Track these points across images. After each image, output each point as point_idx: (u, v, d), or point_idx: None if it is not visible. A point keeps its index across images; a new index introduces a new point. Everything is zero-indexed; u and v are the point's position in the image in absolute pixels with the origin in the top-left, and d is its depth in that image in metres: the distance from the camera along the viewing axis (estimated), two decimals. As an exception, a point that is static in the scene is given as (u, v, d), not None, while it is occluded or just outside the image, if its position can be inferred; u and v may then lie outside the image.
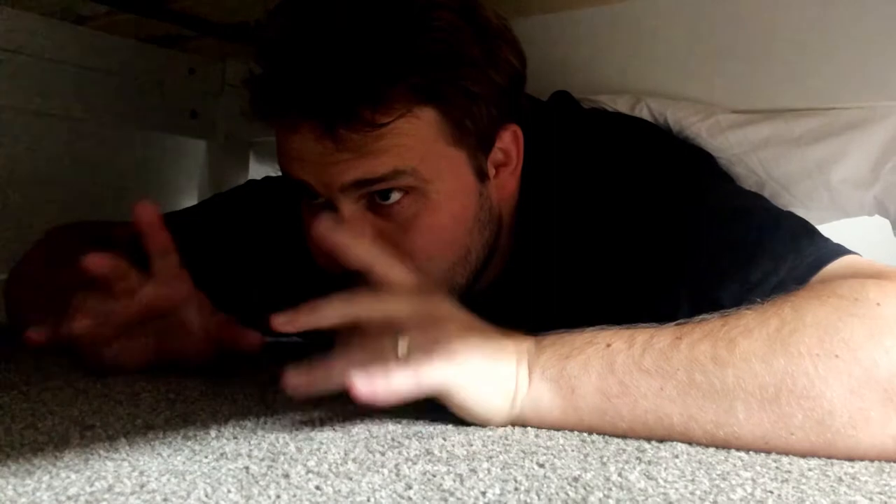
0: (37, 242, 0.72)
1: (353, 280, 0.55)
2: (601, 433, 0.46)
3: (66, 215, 0.98)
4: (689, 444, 0.45)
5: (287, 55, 0.54)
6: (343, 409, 0.50)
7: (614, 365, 0.45)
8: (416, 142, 0.54)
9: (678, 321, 0.47)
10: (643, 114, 0.78)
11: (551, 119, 0.68)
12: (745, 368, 0.43)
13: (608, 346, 0.46)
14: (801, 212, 0.73)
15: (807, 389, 0.42)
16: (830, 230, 0.59)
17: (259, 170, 1.21)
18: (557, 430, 0.47)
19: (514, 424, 0.48)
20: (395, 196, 0.55)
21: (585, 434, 0.47)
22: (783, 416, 0.43)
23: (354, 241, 0.49)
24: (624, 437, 0.46)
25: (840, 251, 0.53)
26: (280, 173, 0.60)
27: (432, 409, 0.48)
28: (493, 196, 0.61)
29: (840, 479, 0.40)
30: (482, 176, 0.59)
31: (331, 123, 0.52)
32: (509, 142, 0.60)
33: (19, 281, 0.70)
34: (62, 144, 0.99)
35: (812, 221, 0.58)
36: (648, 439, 0.45)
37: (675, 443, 0.46)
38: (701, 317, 0.47)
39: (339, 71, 0.51)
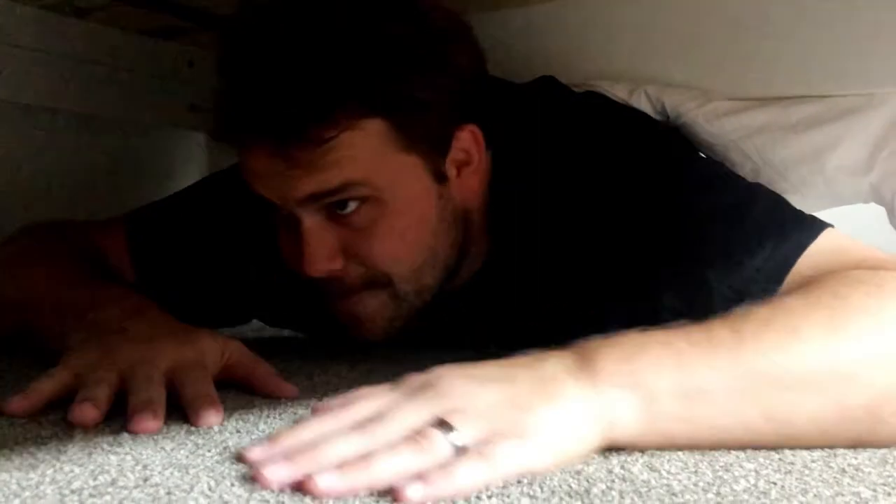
0: (9, 239, 0.70)
1: (323, 281, 0.58)
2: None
3: (63, 207, 0.98)
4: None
5: (235, 78, 0.56)
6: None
7: (684, 366, 0.41)
8: (365, 153, 0.55)
9: (721, 314, 0.44)
10: (641, 100, 0.78)
11: (533, 106, 0.68)
12: (811, 359, 0.42)
13: (666, 345, 0.42)
14: (796, 199, 0.73)
15: (862, 377, 0.42)
16: (827, 218, 0.59)
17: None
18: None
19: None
20: (352, 205, 0.56)
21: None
22: (845, 407, 0.42)
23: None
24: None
25: (817, 226, 0.54)
26: None
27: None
28: (455, 196, 0.61)
29: (843, 471, 0.40)
30: (440, 178, 0.60)
31: (280, 142, 0.54)
32: (468, 141, 0.61)
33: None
34: (58, 137, 0.99)
35: (807, 209, 0.59)
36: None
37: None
38: (737, 309, 0.45)
39: (285, 91, 0.53)
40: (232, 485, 0.35)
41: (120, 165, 1.06)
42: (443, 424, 0.37)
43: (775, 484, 0.37)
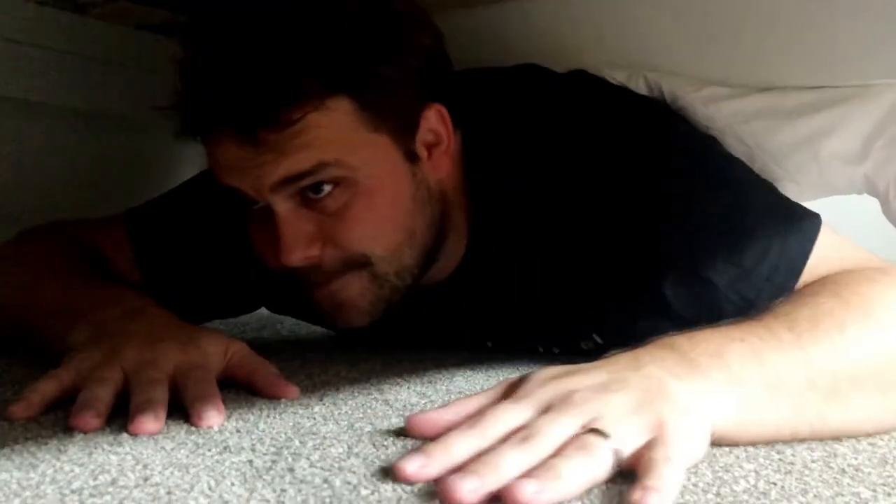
0: (9, 241, 0.70)
1: (299, 275, 0.57)
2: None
3: (59, 204, 0.98)
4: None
5: (196, 70, 0.55)
6: (346, 403, 0.50)
7: (763, 360, 0.44)
8: (334, 133, 0.55)
9: (755, 314, 0.49)
10: (639, 85, 0.78)
11: (510, 88, 0.68)
12: (861, 354, 0.47)
13: (742, 340, 0.45)
14: (791, 187, 0.73)
15: None
16: (819, 208, 0.59)
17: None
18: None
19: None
20: (326, 189, 0.56)
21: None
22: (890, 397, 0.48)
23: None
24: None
25: (816, 223, 0.57)
26: None
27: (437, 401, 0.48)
28: (428, 177, 0.61)
29: (843, 471, 0.40)
30: (412, 157, 0.59)
31: (246, 128, 0.53)
32: (435, 121, 0.60)
33: None
34: (53, 133, 0.99)
35: (802, 198, 0.59)
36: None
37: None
38: (777, 307, 0.50)
39: (248, 75, 0.53)
40: (232, 484, 0.35)
41: (118, 162, 1.06)
42: (596, 432, 0.37)
43: (775, 484, 0.38)
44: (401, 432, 0.44)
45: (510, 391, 0.43)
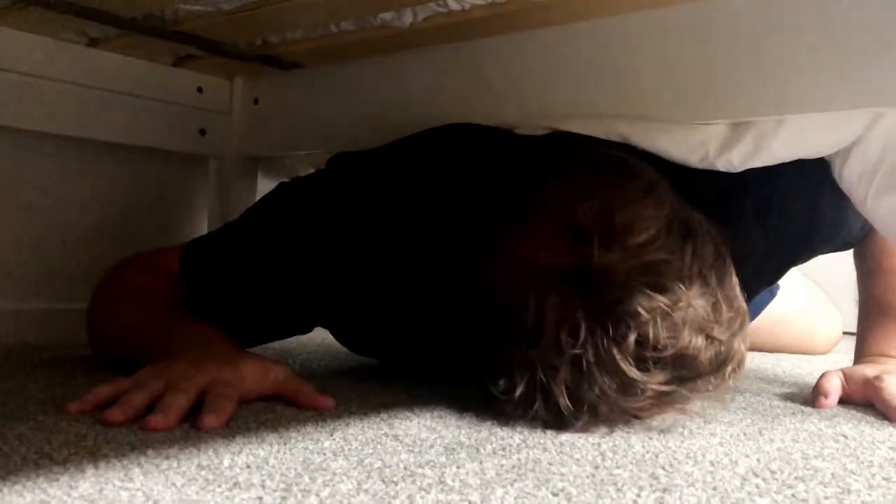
0: (108, 279, 0.75)
1: None
2: None
3: (76, 238, 0.99)
4: (703, 469, 0.45)
5: None
6: (356, 438, 0.50)
7: None
8: None
9: None
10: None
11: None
12: None
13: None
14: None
15: None
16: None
17: (267, 185, 1.21)
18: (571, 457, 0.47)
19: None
20: None
21: (599, 460, 0.47)
22: None
23: None
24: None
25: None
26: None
27: (446, 440, 0.48)
28: None
29: (857, 509, 0.40)
30: None
31: None
32: None
33: (107, 322, 0.73)
34: (71, 165, 1.00)
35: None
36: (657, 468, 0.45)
37: (688, 469, 0.46)
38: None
39: None
40: (243, 525, 0.34)
41: (128, 191, 1.07)
42: None
43: (789, 523, 0.37)
44: (409, 467, 0.44)
45: None
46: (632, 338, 0.50)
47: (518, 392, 0.52)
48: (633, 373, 0.50)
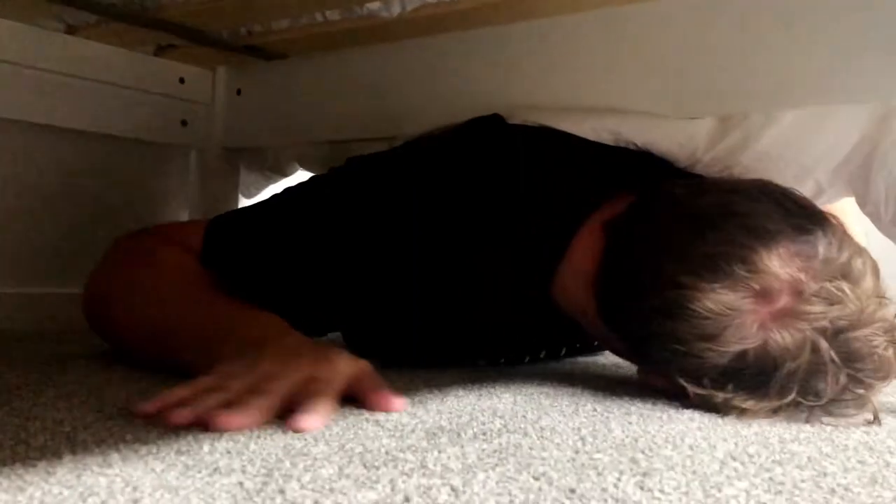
0: (125, 249, 0.70)
1: None
2: None
3: (55, 225, 0.98)
4: (682, 454, 0.45)
5: None
6: (337, 423, 0.50)
7: None
8: None
9: None
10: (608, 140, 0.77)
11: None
12: None
13: None
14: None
15: None
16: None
17: (248, 177, 1.21)
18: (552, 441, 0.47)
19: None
20: None
21: (579, 445, 0.48)
22: None
23: None
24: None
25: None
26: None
27: (426, 423, 0.48)
28: None
29: (833, 491, 0.40)
30: None
31: None
32: None
33: (129, 297, 0.66)
34: (50, 154, 0.99)
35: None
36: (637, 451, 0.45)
37: (667, 454, 0.46)
38: None
39: None
40: (223, 507, 0.34)
41: (110, 181, 1.06)
42: None
43: (765, 504, 0.38)
44: (391, 452, 0.44)
45: None
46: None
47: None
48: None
